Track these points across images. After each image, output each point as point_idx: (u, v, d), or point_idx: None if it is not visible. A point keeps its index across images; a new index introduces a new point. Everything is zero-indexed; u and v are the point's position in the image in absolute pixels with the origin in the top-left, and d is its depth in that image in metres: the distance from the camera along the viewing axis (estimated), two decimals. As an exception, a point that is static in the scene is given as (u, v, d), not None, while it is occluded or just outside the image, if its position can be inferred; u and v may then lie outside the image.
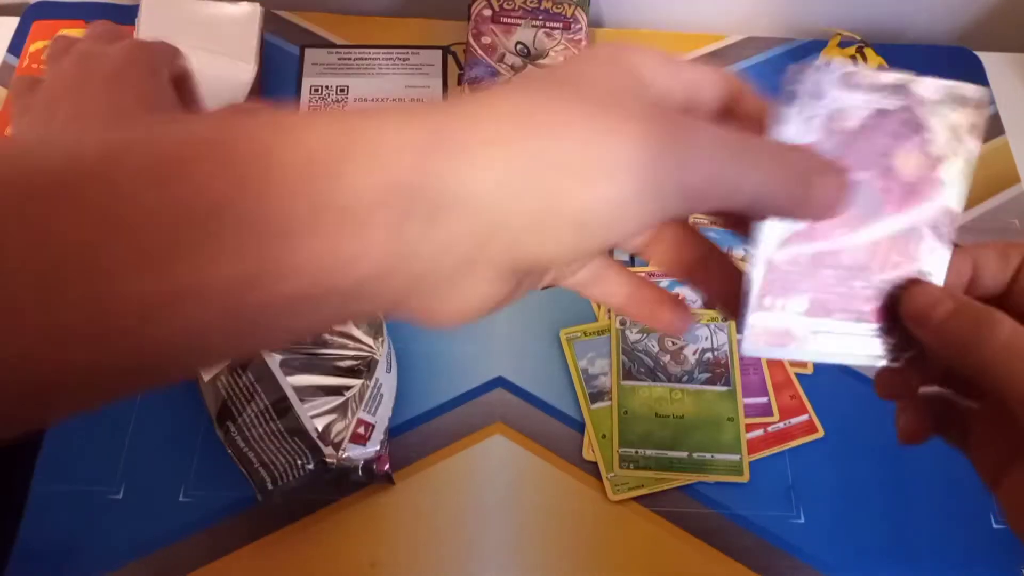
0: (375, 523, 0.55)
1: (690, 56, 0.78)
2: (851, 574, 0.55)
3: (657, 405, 0.59)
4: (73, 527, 0.54)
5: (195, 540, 0.54)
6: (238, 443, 0.54)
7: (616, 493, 0.57)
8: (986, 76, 0.78)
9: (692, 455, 0.58)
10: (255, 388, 0.55)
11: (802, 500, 0.57)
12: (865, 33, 0.77)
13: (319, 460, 0.52)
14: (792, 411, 0.60)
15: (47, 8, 0.77)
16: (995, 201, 0.71)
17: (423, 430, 0.59)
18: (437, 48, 0.77)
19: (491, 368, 0.61)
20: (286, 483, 0.52)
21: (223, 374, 0.56)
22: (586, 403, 0.60)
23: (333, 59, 0.76)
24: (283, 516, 0.55)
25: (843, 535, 0.56)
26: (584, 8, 0.75)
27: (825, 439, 0.59)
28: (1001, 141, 0.75)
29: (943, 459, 0.59)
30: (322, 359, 0.56)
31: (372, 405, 0.55)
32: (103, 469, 0.56)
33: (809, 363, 0.62)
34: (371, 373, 0.55)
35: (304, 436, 0.52)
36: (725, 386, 0.60)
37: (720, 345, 0.62)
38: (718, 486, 0.58)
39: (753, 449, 0.59)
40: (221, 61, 0.70)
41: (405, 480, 0.57)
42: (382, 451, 0.55)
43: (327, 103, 0.73)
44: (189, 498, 0.55)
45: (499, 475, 0.57)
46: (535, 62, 0.72)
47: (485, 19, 0.74)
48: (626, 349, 0.62)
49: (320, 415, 0.53)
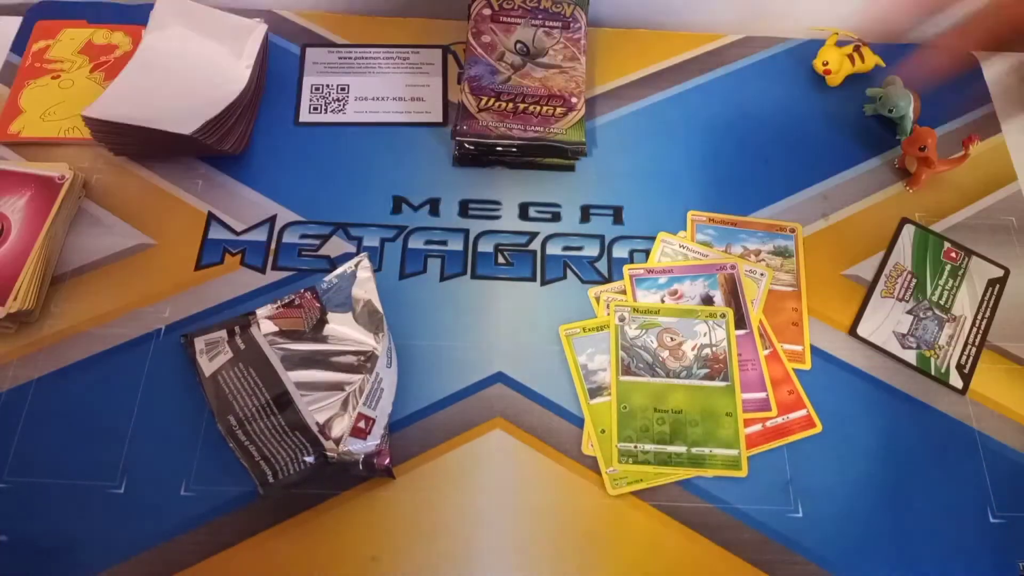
0: (376, 517, 0.56)
1: (688, 56, 0.79)
2: (849, 568, 0.55)
3: (656, 400, 0.60)
4: (75, 522, 0.55)
5: (196, 534, 0.54)
6: (239, 437, 0.54)
7: (615, 487, 0.57)
8: (984, 75, 0.79)
9: (691, 450, 0.58)
10: (256, 383, 0.55)
11: (800, 495, 0.58)
12: (863, 33, 0.78)
13: (320, 454, 0.52)
14: (790, 406, 0.61)
15: (50, 8, 0.78)
16: (992, 199, 0.72)
17: (423, 425, 0.59)
18: (437, 47, 0.78)
19: (491, 364, 0.62)
20: (287, 477, 0.53)
21: (224, 369, 0.56)
22: (585, 398, 0.60)
23: (334, 58, 0.77)
24: (284, 510, 0.55)
25: (841, 529, 0.57)
26: (583, 7, 0.76)
27: (823, 434, 0.60)
28: (998, 139, 0.75)
29: (941, 454, 0.60)
30: (323, 354, 0.56)
31: (372, 400, 0.55)
32: (104, 464, 0.56)
33: (807, 359, 0.63)
34: (371, 368, 0.55)
35: (305, 430, 0.53)
36: (724, 381, 0.61)
37: (719, 341, 0.62)
38: (716, 481, 0.58)
39: (751, 444, 0.59)
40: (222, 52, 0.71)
41: (405, 474, 0.57)
42: (383, 445, 0.55)
43: (328, 101, 0.74)
44: (191, 492, 0.56)
45: (499, 470, 0.58)
46: (534, 61, 0.72)
47: (485, 18, 0.74)
48: (625, 345, 0.62)
49: (321, 409, 0.54)
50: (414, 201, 0.69)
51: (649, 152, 0.72)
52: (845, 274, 0.67)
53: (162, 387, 0.59)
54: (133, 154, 0.70)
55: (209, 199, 0.68)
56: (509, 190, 0.70)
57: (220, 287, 0.64)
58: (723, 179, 0.71)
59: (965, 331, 0.65)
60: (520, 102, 0.69)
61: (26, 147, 0.70)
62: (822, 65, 0.76)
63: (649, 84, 0.77)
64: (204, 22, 0.72)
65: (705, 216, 0.68)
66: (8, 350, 0.61)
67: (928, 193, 0.72)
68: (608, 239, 0.68)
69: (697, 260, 0.66)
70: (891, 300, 0.66)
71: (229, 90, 0.69)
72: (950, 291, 0.67)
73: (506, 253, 0.67)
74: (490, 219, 0.68)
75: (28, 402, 0.59)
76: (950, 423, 0.61)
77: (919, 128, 0.69)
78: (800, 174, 0.72)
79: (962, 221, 0.70)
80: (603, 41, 0.79)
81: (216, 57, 0.71)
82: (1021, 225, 0.70)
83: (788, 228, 0.69)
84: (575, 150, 0.69)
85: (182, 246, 0.66)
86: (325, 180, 0.69)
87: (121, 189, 0.68)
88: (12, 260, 0.62)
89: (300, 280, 0.65)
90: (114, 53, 0.75)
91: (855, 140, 0.74)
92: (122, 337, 0.61)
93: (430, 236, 0.67)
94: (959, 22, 0.42)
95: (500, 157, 0.70)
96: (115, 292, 0.63)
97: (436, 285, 0.65)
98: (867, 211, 0.71)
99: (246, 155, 0.70)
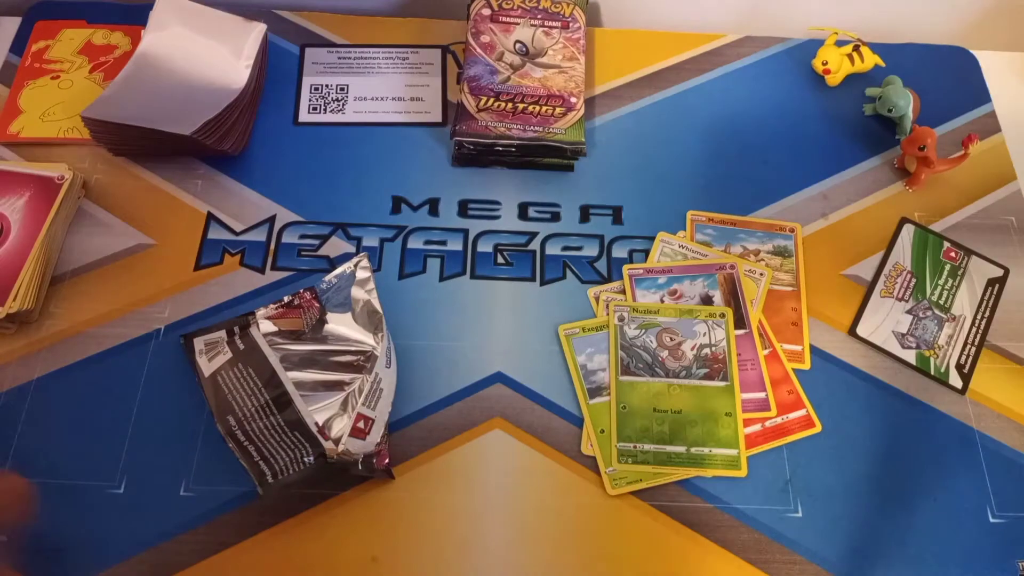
0: (375, 517, 0.56)
1: (688, 56, 0.79)
2: (848, 568, 0.55)
3: (655, 400, 0.60)
4: (75, 522, 0.55)
5: (196, 534, 0.54)
6: (238, 437, 0.54)
7: (614, 487, 0.57)
8: (983, 75, 0.79)
9: (690, 450, 0.58)
10: (255, 383, 0.55)
11: (799, 494, 0.58)
12: (863, 32, 0.78)
13: (319, 454, 0.52)
14: (790, 406, 0.61)
15: (49, 8, 0.78)
16: (991, 198, 0.72)
17: (423, 425, 0.59)
18: (436, 47, 0.78)
19: (490, 364, 0.62)
20: (286, 477, 0.53)
21: (224, 369, 0.56)
22: (585, 398, 0.60)
23: (333, 58, 0.77)
24: (284, 510, 0.55)
25: (840, 529, 0.57)
26: (582, 7, 0.76)
27: (823, 434, 0.60)
28: (998, 139, 0.75)
29: (940, 454, 0.60)
30: (322, 355, 0.56)
31: (372, 400, 0.55)
32: (104, 464, 0.56)
33: (807, 359, 0.63)
34: (371, 368, 0.55)
35: (304, 430, 0.53)
36: (723, 381, 0.61)
37: (718, 341, 0.62)
38: (716, 480, 0.58)
39: (751, 444, 0.59)
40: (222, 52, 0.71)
41: (405, 475, 0.57)
42: (382, 445, 0.55)
43: (327, 102, 0.74)
44: (190, 492, 0.56)
45: (498, 470, 0.58)
46: (534, 61, 0.72)
47: (484, 18, 0.74)
48: (624, 345, 0.62)
49: (320, 409, 0.54)
50: (413, 201, 0.69)
51: (649, 152, 0.72)
52: (845, 274, 0.67)
53: (162, 387, 0.59)
54: (133, 154, 0.70)
55: (209, 199, 0.68)
56: (508, 190, 0.70)
57: (219, 287, 0.64)
58: (723, 179, 0.71)
59: (965, 331, 0.65)
60: (519, 102, 0.69)
61: (25, 147, 0.70)
62: (822, 65, 0.76)
63: (649, 84, 0.77)
64: (204, 22, 0.72)
65: (704, 216, 0.68)
66: (8, 350, 0.61)
67: (928, 193, 0.72)
68: (607, 239, 0.68)
69: (697, 260, 0.66)
70: (891, 300, 0.66)
71: (229, 90, 0.69)
72: (950, 291, 0.67)
73: (505, 253, 0.67)
74: (489, 219, 0.68)
75: (28, 402, 0.59)
76: (950, 423, 0.61)
77: (919, 128, 0.69)
78: (800, 174, 0.72)
79: (962, 221, 0.70)
80: (603, 41, 0.79)
81: (215, 57, 0.71)
82: (1021, 225, 0.70)
83: (788, 228, 0.69)
84: (574, 150, 0.69)
85: (181, 246, 0.66)
86: (325, 180, 0.69)
87: (120, 189, 0.68)
88: (12, 260, 0.62)
89: (299, 280, 0.65)
90: (114, 53, 0.75)
91: (855, 140, 0.74)
92: (122, 337, 0.61)
93: (429, 236, 0.67)
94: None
95: (499, 157, 0.70)
96: (115, 292, 0.63)
97: (436, 285, 0.65)
98: (867, 211, 0.71)
99: (246, 155, 0.70)
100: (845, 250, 0.68)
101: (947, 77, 0.78)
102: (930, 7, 0.84)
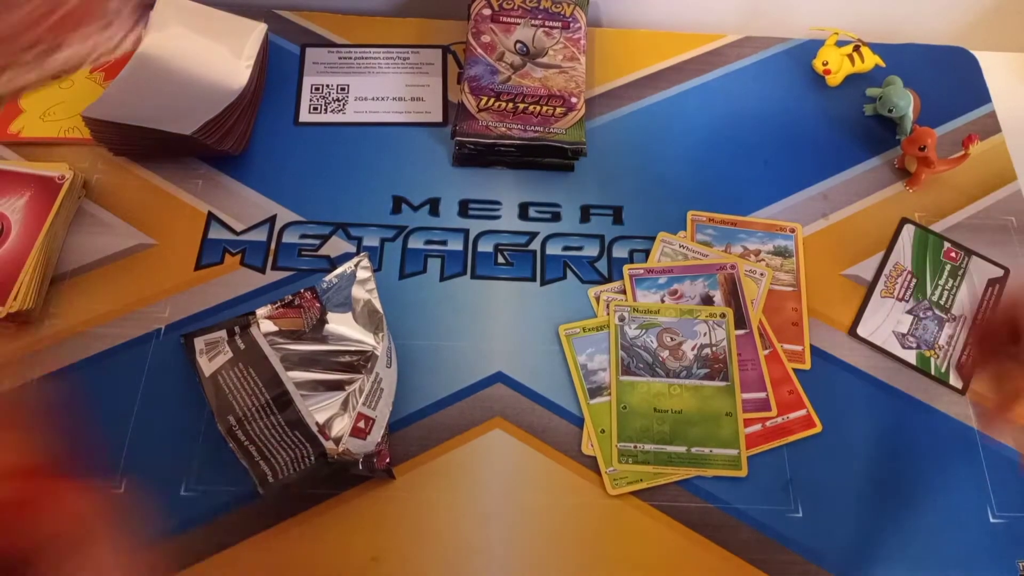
0: (376, 517, 0.56)
1: (688, 56, 0.79)
2: (848, 568, 0.55)
3: (656, 400, 0.60)
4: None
5: (196, 534, 0.54)
6: (239, 437, 0.54)
7: (615, 487, 0.57)
8: (983, 75, 0.79)
9: (690, 450, 0.58)
10: (256, 383, 0.55)
11: (800, 494, 0.58)
12: (863, 33, 0.78)
13: (319, 454, 0.52)
14: (790, 406, 0.61)
15: (50, 8, 0.78)
16: (991, 199, 0.72)
17: (423, 425, 0.59)
18: (437, 47, 0.78)
19: (491, 363, 0.62)
20: (287, 477, 0.53)
21: (224, 369, 0.56)
22: (585, 398, 0.60)
23: (334, 58, 0.77)
24: (284, 510, 0.55)
25: (840, 529, 0.57)
26: (583, 7, 0.76)
27: (823, 434, 0.60)
28: (998, 139, 0.75)
29: (941, 454, 0.60)
30: (323, 354, 0.56)
31: (372, 400, 0.55)
32: (105, 463, 0.56)
33: (807, 359, 0.63)
34: (371, 368, 0.55)
35: (304, 430, 0.53)
36: (723, 381, 0.61)
37: (719, 341, 0.62)
38: (716, 480, 0.58)
39: (751, 444, 0.59)
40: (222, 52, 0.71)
41: (405, 474, 0.57)
42: (382, 445, 0.55)
43: (327, 102, 0.74)
44: (191, 492, 0.56)
45: (499, 470, 0.58)
46: (534, 61, 0.72)
47: (485, 18, 0.74)
48: (625, 345, 0.62)
49: (320, 409, 0.54)
50: (414, 201, 0.69)
51: (649, 152, 0.72)
52: (845, 274, 0.67)
53: (162, 387, 0.59)
54: (133, 154, 0.70)
55: (209, 199, 0.68)
56: (509, 190, 0.70)
57: (220, 287, 0.64)
58: (723, 179, 0.71)
59: (965, 331, 0.65)
60: (520, 102, 0.69)
61: (26, 147, 0.70)
62: (822, 65, 0.76)
63: (649, 84, 0.77)
64: (204, 22, 0.72)
65: (705, 216, 0.68)
66: (8, 350, 0.61)
67: (928, 193, 0.72)
68: (608, 239, 0.68)
69: (697, 260, 0.66)
70: (891, 300, 0.66)
71: (229, 90, 0.69)
72: (950, 291, 0.67)
73: (506, 253, 0.67)
74: (490, 219, 0.68)
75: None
76: (950, 423, 0.61)
77: (919, 128, 0.69)
78: (800, 174, 0.72)
79: (962, 221, 0.70)
80: (603, 41, 0.79)
81: (216, 57, 0.71)
82: (1021, 225, 0.70)
83: (788, 228, 0.69)
84: (575, 150, 0.69)
85: (182, 246, 0.66)
86: (325, 180, 0.69)
87: (121, 189, 0.68)
88: (12, 260, 0.62)
89: (300, 280, 0.65)
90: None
91: (855, 140, 0.74)
92: (122, 337, 0.61)
93: (430, 236, 0.67)
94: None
95: (500, 157, 0.70)
96: (115, 292, 0.63)
97: (436, 285, 0.65)
98: (867, 211, 0.71)
99: (246, 155, 0.70)
100: (845, 250, 0.68)
101: (947, 77, 0.78)
102: (930, 7, 0.84)
